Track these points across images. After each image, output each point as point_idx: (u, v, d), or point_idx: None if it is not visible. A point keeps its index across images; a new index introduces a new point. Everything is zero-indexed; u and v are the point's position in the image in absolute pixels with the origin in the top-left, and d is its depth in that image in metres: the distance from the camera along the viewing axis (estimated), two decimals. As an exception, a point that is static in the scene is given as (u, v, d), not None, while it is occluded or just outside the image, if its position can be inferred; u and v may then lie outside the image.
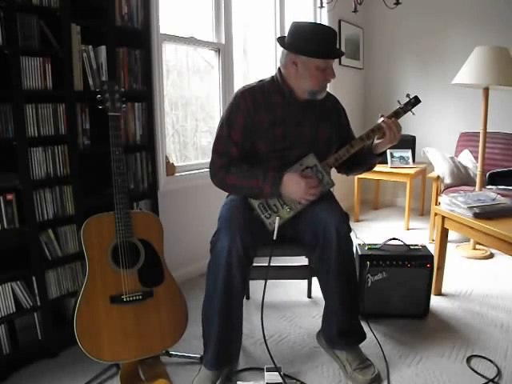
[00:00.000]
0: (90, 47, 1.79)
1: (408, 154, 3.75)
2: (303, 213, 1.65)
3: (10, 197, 1.59)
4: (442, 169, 3.23)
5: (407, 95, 1.70)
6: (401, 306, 2.05)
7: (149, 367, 1.65)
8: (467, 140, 3.51)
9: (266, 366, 1.61)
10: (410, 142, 3.82)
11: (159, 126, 2.34)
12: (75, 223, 1.79)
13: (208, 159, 1.71)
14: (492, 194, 2.26)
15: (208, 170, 1.69)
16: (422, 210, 4.04)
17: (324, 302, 1.72)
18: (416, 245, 2.14)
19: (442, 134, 4.00)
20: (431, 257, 2.05)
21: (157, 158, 2.29)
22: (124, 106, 1.63)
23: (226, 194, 1.83)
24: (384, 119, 1.64)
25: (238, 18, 2.91)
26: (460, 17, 3.81)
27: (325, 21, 3.69)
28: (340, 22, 3.91)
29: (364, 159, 1.77)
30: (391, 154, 3.72)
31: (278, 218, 1.61)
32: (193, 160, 2.86)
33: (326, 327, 1.74)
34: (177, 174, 2.52)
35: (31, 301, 1.68)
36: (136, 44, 1.99)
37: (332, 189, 1.75)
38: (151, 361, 1.67)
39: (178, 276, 1.82)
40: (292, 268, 2.19)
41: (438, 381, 1.62)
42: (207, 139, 2.95)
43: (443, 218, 2.28)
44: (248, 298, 2.30)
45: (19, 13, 1.55)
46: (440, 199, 2.38)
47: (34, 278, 1.68)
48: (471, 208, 2.08)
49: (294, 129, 1.67)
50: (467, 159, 3.35)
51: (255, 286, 2.26)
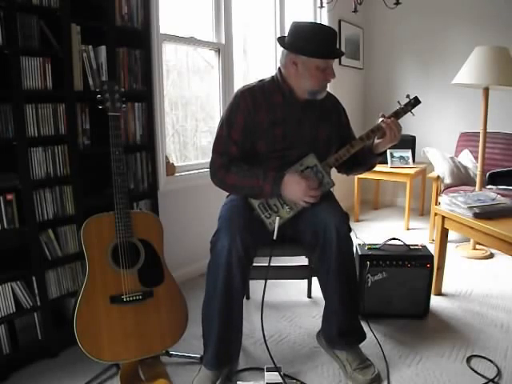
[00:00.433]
0: (90, 47, 1.80)
1: (408, 154, 3.75)
2: (303, 213, 1.65)
3: (9, 197, 1.59)
4: (442, 169, 3.23)
5: (407, 96, 1.70)
6: (401, 306, 2.05)
7: (149, 367, 1.65)
8: (467, 140, 3.51)
9: (266, 366, 1.61)
10: (410, 142, 3.82)
11: (159, 126, 2.34)
12: (75, 223, 1.79)
13: (208, 159, 1.71)
14: (492, 194, 2.26)
15: (208, 169, 1.70)
16: (421, 210, 4.04)
17: (324, 302, 1.72)
18: (416, 245, 2.14)
19: (441, 134, 4.00)
20: (431, 257, 2.05)
21: (157, 158, 2.29)
22: (124, 106, 1.63)
23: (226, 194, 1.83)
24: (384, 119, 1.64)
25: (238, 18, 2.91)
26: (460, 17, 3.81)
27: (325, 21, 3.69)
28: (340, 21, 3.91)
29: (364, 159, 1.77)
30: (391, 153, 3.72)
31: (278, 218, 1.61)
32: (193, 160, 2.86)
33: (326, 327, 1.74)
34: (177, 174, 2.52)
35: (31, 301, 1.68)
36: (136, 44, 1.99)
37: (332, 189, 1.75)
38: (151, 361, 1.67)
39: (177, 276, 1.82)
40: (292, 268, 2.19)
41: (438, 381, 1.62)
42: (207, 139, 2.95)
43: (443, 218, 2.28)
44: (248, 298, 2.30)
45: (19, 13, 1.55)
46: (440, 199, 2.38)
47: (34, 278, 1.68)
48: (471, 208, 2.08)
49: (294, 129, 1.67)
50: (467, 159, 3.35)
51: (255, 286, 2.26)
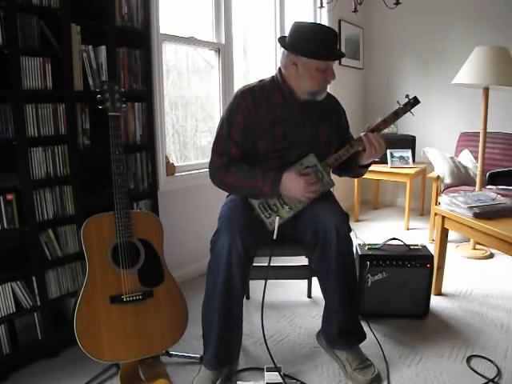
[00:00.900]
0: (90, 47, 1.80)
1: (408, 153, 3.75)
2: (303, 213, 1.65)
3: (9, 197, 1.59)
4: (442, 169, 3.23)
5: (406, 96, 1.69)
6: (401, 305, 2.05)
7: (149, 367, 1.65)
8: (467, 140, 3.51)
9: (266, 366, 1.61)
10: (410, 142, 3.82)
11: (159, 126, 2.34)
12: (75, 223, 1.79)
13: (208, 159, 1.71)
14: (492, 194, 2.26)
15: (208, 169, 1.70)
16: (422, 210, 4.04)
17: (324, 302, 1.72)
18: (416, 245, 2.14)
19: (441, 134, 4.00)
20: (431, 257, 2.05)
21: (157, 158, 2.29)
22: (124, 105, 1.63)
23: (226, 194, 1.83)
24: (366, 133, 1.62)
25: (238, 18, 2.91)
26: (460, 17, 3.81)
27: (325, 21, 3.69)
28: (340, 21, 3.91)
29: (350, 168, 1.77)
30: (391, 153, 3.71)
31: (278, 218, 1.61)
32: (193, 160, 2.86)
33: (326, 327, 1.74)
34: (177, 174, 2.52)
35: (31, 301, 1.68)
36: (136, 44, 1.99)
37: (332, 189, 1.75)
38: (151, 361, 1.67)
39: (177, 276, 1.82)
40: (292, 268, 2.19)
41: (438, 381, 1.62)
42: (207, 139, 2.95)
43: (443, 218, 2.28)
44: (248, 298, 2.30)
45: (19, 13, 1.55)
46: (440, 199, 2.38)
47: (34, 278, 1.68)
48: (471, 208, 2.08)
49: (294, 129, 1.67)
50: (467, 159, 3.35)
51: (255, 286, 2.26)
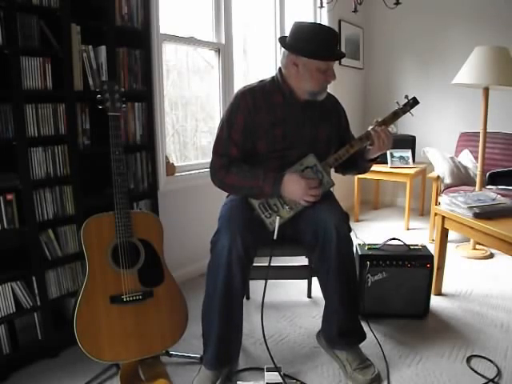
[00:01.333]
0: (90, 47, 1.80)
1: (408, 153, 3.75)
2: (303, 213, 1.65)
3: (9, 197, 1.59)
4: (442, 169, 3.23)
5: (406, 96, 1.70)
6: (401, 305, 2.05)
7: (149, 367, 1.65)
8: (467, 140, 3.51)
9: (266, 366, 1.61)
10: (410, 142, 3.82)
11: (159, 126, 2.34)
12: (75, 223, 1.79)
13: (208, 159, 1.72)
14: (492, 194, 2.26)
15: (208, 169, 1.70)
16: (422, 210, 4.04)
17: (324, 302, 1.72)
18: (416, 245, 2.14)
19: (442, 134, 4.00)
20: (431, 257, 2.05)
21: (157, 158, 2.29)
22: (124, 105, 1.63)
23: (226, 194, 1.83)
24: (374, 127, 1.65)
25: (238, 17, 2.91)
26: (460, 17, 3.81)
27: (325, 21, 3.69)
28: (340, 21, 3.91)
29: (356, 163, 1.79)
30: (391, 153, 3.71)
31: (278, 218, 1.61)
32: (193, 160, 2.86)
33: (326, 327, 1.74)
34: (177, 174, 2.52)
35: (31, 301, 1.68)
36: (136, 44, 1.99)
37: (332, 189, 1.75)
38: (151, 361, 1.67)
39: (177, 276, 1.82)
40: (292, 268, 2.19)
41: (438, 381, 1.62)
42: (207, 139, 2.95)
43: (443, 218, 2.28)
44: (248, 298, 2.30)
45: (19, 13, 1.55)
46: (440, 199, 2.38)
47: (34, 278, 1.68)
48: (471, 208, 2.08)
49: (294, 129, 1.67)
50: (467, 159, 3.35)
51: (255, 286, 2.26)
